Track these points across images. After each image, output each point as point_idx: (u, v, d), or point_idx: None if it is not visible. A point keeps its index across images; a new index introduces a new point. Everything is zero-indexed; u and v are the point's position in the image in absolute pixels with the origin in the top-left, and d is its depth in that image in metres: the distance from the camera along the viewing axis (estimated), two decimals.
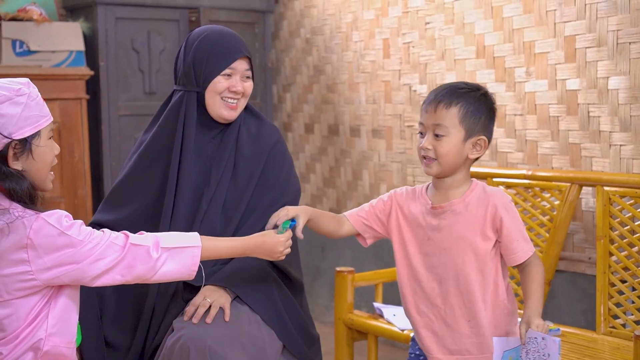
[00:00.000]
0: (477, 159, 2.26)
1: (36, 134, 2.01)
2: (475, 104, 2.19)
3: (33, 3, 4.17)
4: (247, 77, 2.62)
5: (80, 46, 4.15)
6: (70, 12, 4.46)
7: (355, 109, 4.35)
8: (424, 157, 2.22)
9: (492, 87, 3.54)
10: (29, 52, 4.03)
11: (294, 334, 2.50)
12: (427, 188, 2.33)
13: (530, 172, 3.23)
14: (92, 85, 4.22)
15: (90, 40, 4.27)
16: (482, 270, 2.22)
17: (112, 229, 2.13)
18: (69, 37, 4.13)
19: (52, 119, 2.08)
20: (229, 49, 2.58)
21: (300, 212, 2.32)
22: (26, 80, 2.05)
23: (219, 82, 2.57)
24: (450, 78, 3.76)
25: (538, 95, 3.37)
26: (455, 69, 3.74)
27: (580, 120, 3.20)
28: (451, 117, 2.17)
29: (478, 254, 2.21)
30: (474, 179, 2.30)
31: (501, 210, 2.19)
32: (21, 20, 4.04)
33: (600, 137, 3.14)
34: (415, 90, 3.97)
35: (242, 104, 2.63)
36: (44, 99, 2.09)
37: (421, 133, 2.24)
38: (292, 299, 2.56)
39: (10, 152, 1.98)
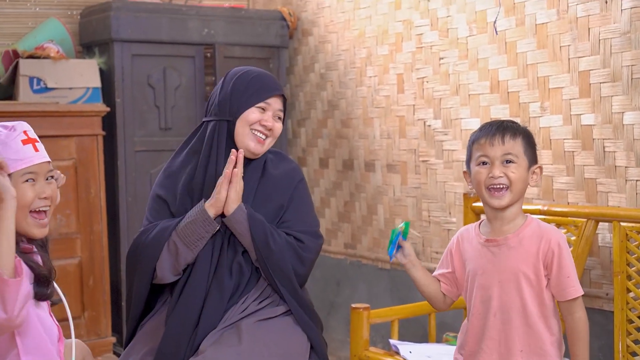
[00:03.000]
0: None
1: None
2: (530, 136, 2.39)
3: (50, 41, 4.22)
4: (279, 118, 2.67)
5: (97, 83, 4.19)
6: (87, 48, 4.50)
7: (370, 143, 4.36)
8: (494, 189, 2.33)
9: None
10: (46, 89, 4.07)
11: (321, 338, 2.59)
12: (480, 224, 2.45)
13: (546, 208, 3.21)
14: (108, 122, 4.25)
15: (106, 77, 4.31)
16: (537, 302, 2.32)
17: None
18: (85, 73, 4.17)
19: (32, 162, 2.08)
20: (267, 85, 2.64)
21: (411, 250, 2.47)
22: (17, 123, 2.09)
23: (252, 113, 2.61)
24: (465, 113, 3.77)
25: (553, 130, 3.37)
26: (470, 104, 3.75)
27: (596, 156, 3.20)
28: (518, 146, 2.34)
29: (532, 287, 2.31)
30: (528, 214, 2.42)
31: (554, 245, 2.30)
32: (38, 57, 4.09)
33: (616, 173, 3.13)
34: (429, 125, 3.98)
35: (269, 143, 2.65)
36: (61, 136, 2.12)
37: (484, 163, 2.34)
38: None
39: None
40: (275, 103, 2.65)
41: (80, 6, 4.60)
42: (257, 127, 2.61)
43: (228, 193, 2.51)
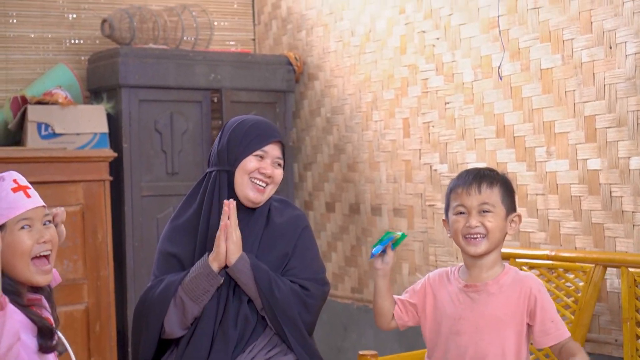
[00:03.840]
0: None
1: (1, 227, 2.03)
2: (508, 185, 2.37)
3: (59, 86, 4.25)
4: (279, 165, 2.65)
5: (104, 128, 4.22)
6: (95, 94, 4.53)
7: (376, 187, 4.37)
8: (471, 237, 2.30)
9: (513, 167, 3.55)
10: (54, 134, 4.09)
11: None
12: (458, 270, 2.41)
13: (553, 253, 3.20)
14: (116, 167, 4.26)
15: (114, 122, 4.33)
16: (514, 350, 2.27)
17: None
18: (93, 119, 4.20)
19: (26, 208, 2.07)
20: (264, 132, 2.63)
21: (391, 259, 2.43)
22: (7, 173, 2.10)
23: (250, 162, 2.60)
24: (471, 157, 3.77)
25: (559, 175, 3.37)
26: (476, 148, 3.76)
27: (603, 200, 3.19)
28: (495, 195, 2.31)
29: (510, 335, 2.27)
30: (506, 263, 2.41)
31: (535, 291, 2.28)
32: (47, 103, 4.12)
33: (624, 217, 3.12)
34: (435, 170, 3.98)
35: (270, 190, 2.63)
36: (68, 181, 2.12)
37: (461, 213, 2.32)
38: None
39: None
40: (273, 150, 2.63)
41: (89, 52, 4.65)
42: (256, 176, 2.60)
43: (227, 245, 2.51)
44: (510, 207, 2.35)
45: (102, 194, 4.10)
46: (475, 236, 2.30)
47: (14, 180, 2.12)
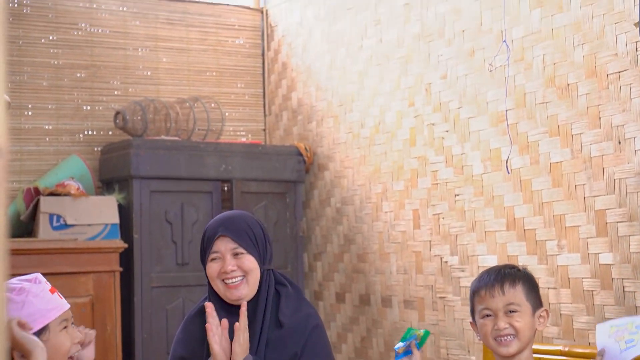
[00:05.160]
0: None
1: (43, 329, 2.04)
2: (531, 280, 2.36)
3: (71, 178, 4.30)
4: (240, 254, 2.54)
5: (115, 219, 4.24)
6: (107, 184, 4.57)
7: (387, 279, 4.35)
8: (501, 339, 2.29)
9: (524, 260, 3.54)
10: (66, 225, 4.11)
11: None
12: None
13: (567, 349, 3.17)
14: (126, 257, 4.27)
15: (125, 212, 4.36)
16: None
17: None
18: (104, 210, 4.23)
19: (64, 309, 2.10)
20: (209, 233, 2.57)
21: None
22: (34, 275, 2.11)
23: (210, 268, 2.55)
24: (482, 250, 3.77)
25: (571, 269, 3.36)
26: (486, 240, 3.76)
27: (616, 295, 3.17)
28: (519, 293, 2.31)
29: None
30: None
31: None
32: (59, 195, 4.15)
33: (637, 313, 3.09)
34: (446, 262, 3.97)
35: (250, 280, 2.54)
36: (78, 273, 2.14)
37: (487, 316, 2.31)
38: None
39: (16, 356, 1.94)
40: (223, 244, 2.54)
41: (102, 143, 4.71)
42: (222, 277, 2.53)
43: (232, 347, 2.46)
44: (536, 303, 2.34)
45: (112, 285, 4.09)
46: (505, 338, 2.29)
47: (47, 282, 2.16)
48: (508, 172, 3.61)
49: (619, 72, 3.18)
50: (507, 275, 2.33)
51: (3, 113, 0.80)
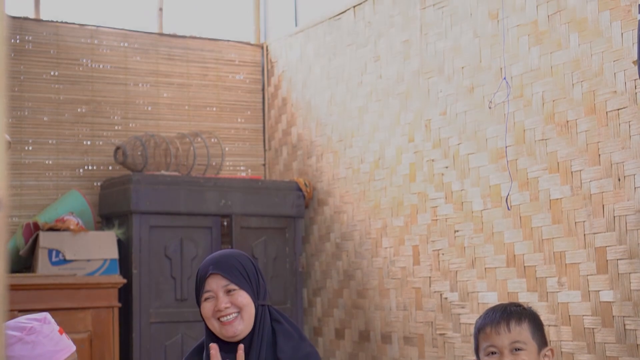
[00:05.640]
0: None
1: None
2: (537, 319, 2.35)
3: (71, 213, 4.29)
4: (233, 290, 2.52)
5: (114, 254, 4.23)
6: (106, 219, 4.57)
7: (386, 315, 4.34)
8: None
9: (525, 297, 3.53)
10: (65, 261, 4.10)
11: None
12: None
13: None
14: (125, 292, 4.25)
15: (124, 247, 4.35)
16: None
17: None
18: (104, 245, 4.22)
19: (72, 350, 2.10)
20: (200, 275, 2.56)
21: None
22: (43, 315, 2.11)
23: (205, 308, 2.53)
24: (482, 286, 3.76)
25: (572, 306, 3.35)
26: (486, 277, 3.75)
27: (617, 333, 3.16)
28: (525, 331, 2.29)
29: None
30: None
31: None
32: (58, 230, 4.15)
33: (638, 351, 3.08)
34: (446, 298, 3.96)
35: (244, 315, 2.51)
36: (77, 308, 2.14)
37: (493, 353, 2.29)
38: None
39: None
40: (215, 282, 2.52)
41: (102, 178, 4.71)
42: (217, 316, 2.50)
43: None
44: (542, 342, 2.33)
45: (111, 321, 4.07)
46: None
47: (55, 322, 2.16)
48: (508, 209, 3.61)
49: (618, 109, 3.20)
50: (513, 313, 2.32)
51: (4, 164, 0.78)
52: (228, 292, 2.52)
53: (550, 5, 3.50)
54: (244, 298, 2.52)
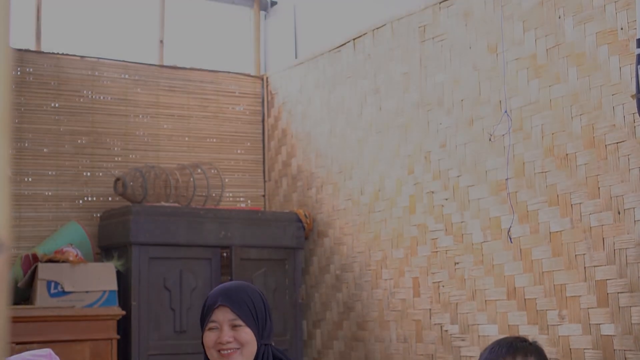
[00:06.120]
0: None
1: None
2: (542, 354, 2.35)
3: (70, 244, 4.28)
4: (238, 325, 2.50)
5: (114, 286, 4.22)
6: (105, 251, 4.56)
7: (386, 347, 4.31)
8: None
9: (525, 330, 3.51)
10: (63, 292, 4.09)
11: None
12: None
13: None
14: (124, 324, 4.23)
15: (123, 279, 4.33)
16: None
17: None
18: (103, 277, 4.21)
19: None
20: (209, 303, 2.55)
21: None
22: (47, 351, 2.10)
23: (207, 337, 2.52)
24: (482, 319, 3.74)
25: (573, 340, 3.33)
26: (487, 309, 3.73)
27: None
28: None
29: None
30: None
31: None
32: (57, 261, 4.14)
33: None
34: (446, 330, 3.94)
35: (245, 352, 2.49)
36: (75, 340, 2.14)
37: None
38: None
39: None
40: (222, 315, 2.50)
41: (101, 209, 4.71)
42: (218, 348, 2.49)
43: None
44: None
45: (109, 353, 4.05)
46: None
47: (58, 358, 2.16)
48: (510, 242, 3.60)
49: (617, 142, 3.20)
50: (519, 348, 2.32)
51: (6, 205, 0.78)
52: (233, 326, 2.51)
53: (548, 39, 3.52)
54: (247, 335, 2.50)
